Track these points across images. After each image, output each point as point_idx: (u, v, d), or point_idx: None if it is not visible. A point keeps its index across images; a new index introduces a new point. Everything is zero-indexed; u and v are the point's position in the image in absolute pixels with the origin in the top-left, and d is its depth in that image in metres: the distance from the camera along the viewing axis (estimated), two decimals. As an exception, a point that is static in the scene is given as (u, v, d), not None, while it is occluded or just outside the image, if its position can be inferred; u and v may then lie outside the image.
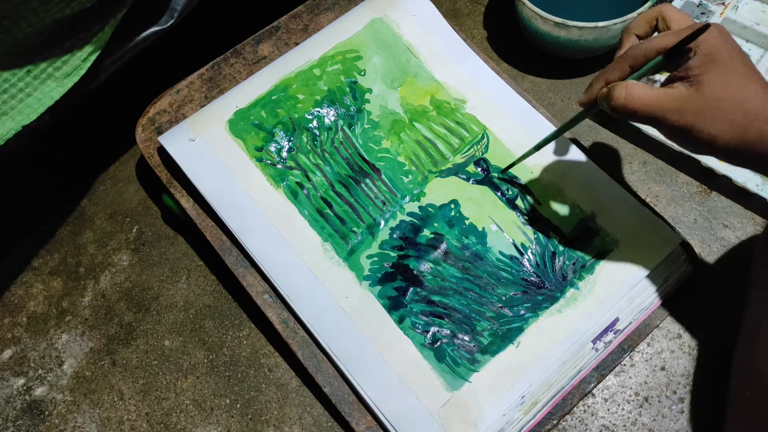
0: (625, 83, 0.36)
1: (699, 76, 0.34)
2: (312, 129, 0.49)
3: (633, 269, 0.45)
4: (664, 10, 0.38)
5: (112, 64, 0.47)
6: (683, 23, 0.37)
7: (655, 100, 0.35)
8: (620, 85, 0.36)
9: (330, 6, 0.55)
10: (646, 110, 0.35)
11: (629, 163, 0.53)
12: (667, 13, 0.37)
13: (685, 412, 0.44)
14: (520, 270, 0.46)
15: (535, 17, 0.52)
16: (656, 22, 0.38)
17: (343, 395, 0.43)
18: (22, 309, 0.50)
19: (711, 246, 0.49)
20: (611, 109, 0.36)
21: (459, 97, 0.51)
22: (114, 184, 0.55)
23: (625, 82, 0.36)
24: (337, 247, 0.46)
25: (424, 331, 0.44)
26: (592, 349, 0.43)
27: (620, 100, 0.35)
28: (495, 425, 0.41)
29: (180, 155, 0.47)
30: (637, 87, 0.35)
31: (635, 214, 0.47)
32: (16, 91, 0.41)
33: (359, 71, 0.51)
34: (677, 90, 0.34)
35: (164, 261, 0.52)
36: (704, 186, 0.51)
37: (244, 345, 0.48)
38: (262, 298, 0.45)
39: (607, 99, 0.36)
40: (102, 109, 0.57)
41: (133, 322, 0.49)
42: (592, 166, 0.49)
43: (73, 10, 0.40)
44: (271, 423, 0.45)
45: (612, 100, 0.36)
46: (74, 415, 0.46)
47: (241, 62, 0.53)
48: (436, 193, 0.48)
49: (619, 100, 0.35)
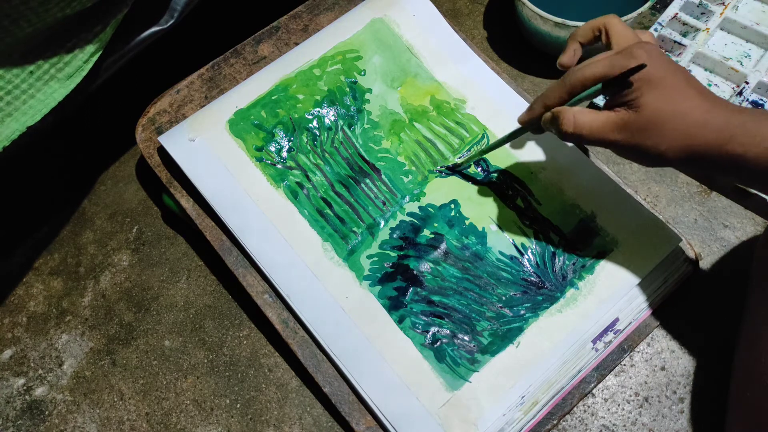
0: (572, 110, 0.37)
1: (636, 99, 0.35)
2: (312, 129, 0.49)
3: (633, 269, 0.45)
4: (608, 22, 0.39)
5: (112, 64, 0.47)
6: (626, 39, 0.37)
7: (602, 125, 0.36)
8: (567, 112, 0.37)
9: (330, 6, 0.55)
10: (593, 135, 0.36)
11: (629, 163, 0.53)
12: (610, 26, 0.38)
13: (685, 412, 0.44)
14: (520, 270, 0.46)
15: (535, 17, 0.52)
16: (599, 32, 0.39)
17: (343, 395, 0.43)
18: (22, 309, 0.50)
19: (711, 246, 0.49)
20: (560, 134, 0.37)
21: (459, 97, 0.51)
22: (114, 184, 0.55)
23: (572, 109, 0.37)
24: (337, 247, 0.46)
25: (424, 331, 0.44)
26: (592, 349, 0.43)
27: (569, 128, 0.37)
28: (495, 425, 0.41)
29: (180, 155, 0.47)
30: (582, 114, 0.37)
31: (635, 214, 0.47)
32: (20, 92, 0.41)
33: (359, 71, 0.51)
34: (619, 114, 0.36)
35: (164, 261, 0.52)
36: (704, 186, 0.51)
37: (244, 345, 0.48)
38: (262, 298, 0.45)
39: (555, 124, 0.38)
40: (102, 109, 0.57)
41: (133, 322, 0.49)
42: (592, 166, 0.49)
43: (73, 10, 0.40)
44: (271, 423, 0.45)
45: (561, 126, 0.37)
46: (74, 415, 0.46)
47: (241, 62, 0.53)
48: (436, 193, 0.48)
49: (568, 127, 0.37)
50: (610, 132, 0.36)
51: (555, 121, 0.37)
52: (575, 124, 0.36)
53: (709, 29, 0.55)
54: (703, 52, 0.54)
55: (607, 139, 0.36)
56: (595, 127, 0.36)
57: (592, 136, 0.36)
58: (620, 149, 0.37)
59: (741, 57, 0.55)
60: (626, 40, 0.37)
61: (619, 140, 0.36)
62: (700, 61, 0.55)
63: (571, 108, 0.37)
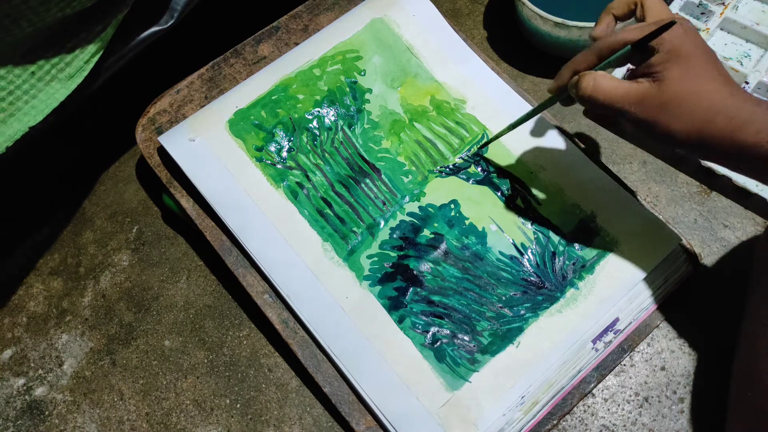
0: (593, 74, 0.36)
1: (661, 72, 0.34)
2: (312, 129, 0.49)
3: (633, 269, 0.45)
4: None
5: (112, 64, 0.47)
6: (660, 13, 0.37)
7: (621, 94, 0.36)
8: (589, 75, 0.37)
9: (330, 6, 0.55)
10: (610, 101, 0.36)
11: (629, 163, 0.53)
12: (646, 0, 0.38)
13: (685, 412, 0.44)
14: (520, 270, 0.46)
15: (535, 17, 0.52)
16: (635, 6, 0.39)
17: (343, 395, 0.43)
18: (22, 309, 0.50)
19: (711, 246, 0.49)
20: (578, 97, 0.37)
21: (459, 97, 0.51)
22: (114, 184, 0.55)
23: (594, 73, 0.37)
24: (337, 247, 0.46)
25: (424, 331, 0.44)
26: (592, 349, 0.43)
27: (588, 90, 0.36)
28: (495, 425, 0.41)
29: (180, 155, 0.47)
30: (604, 78, 0.36)
31: (635, 214, 0.47)
32: (22, 93, 0.41)
33: (359, 71, 0.51)
34: (641, 85, 0.35)
35: (164, 261, 0.52)
36: (704, 186, 0.51)
37: (244, 345, 0.48)
38: (262, 298, 0.45)
39: (575, 87, 0.37)
40: (102, 109, 0.57)
41: (133, 322, 0.49)
42: (592, 166, 0.49)
43: (73, 9, 0.40)
44: (271, 423, 0.45)
45: (580, 89, 0.37)
46: (74, 415, 0.46)
47: (241, 62, 0.53)
48: (436, 193, 0.48)
49: (586, 89, 0.36)
50: (628, 102, 0.35)
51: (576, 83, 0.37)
52: (594, 87, 0.36)
53: (709, 29, 0.55)
54: (703, 52, 0.54)
55: (622, 108, 0.36)
56: (614, 93, 0.36)
57: (608, 102, 0.36)
58: (633, 122, 0.36)
59: (741, 57, 0.55)
60: (661, 14, 0.37)
61: (634, 112, 0.35)
62: (700, 61, 0.55)
63: (594, 72, 0.37)
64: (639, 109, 0.35)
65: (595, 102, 0.36)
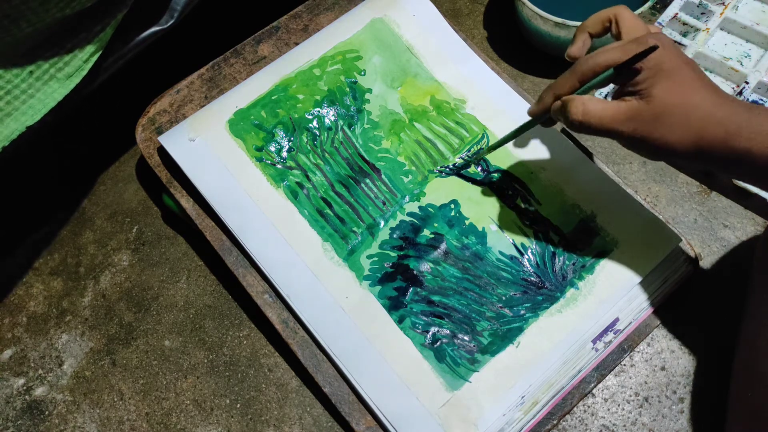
0: (581, 98, 0.36)
1: (648, 89, 0.34)
2: (312, 129, 0.49)
3: (633, 269, 0.45)
4: (618, 13, 0.38)
5: (112, 64, 0.47)
6: (636, 29, 0.37)
7: (611, 114, 0.35)
8: (576, 100, 0.36)
9: (330, 6, 0.55)
10: (602, 124, 0.36)
11: (629, 163, 0.53)
12: (621, 17, 0.38)
13: (685, 412, 0.44)
14: (520, 270, 0.46)
15: (535, 17, 0.52)
16: (609, 23, 0.38)
17: (343, 395, 0.43)
18: (22, 309, 0.50)
19: (711, 246, 0.49)
20: (569, 123, 0.37)
21: (459, 97, 0.51)
22: (114, 184, 0.55)
23: (581, 97, 0.36)
24: (337, 247, 0.46)
25: (424, 331, 0.44)
26: (592, 349, 0.43)
27: (578, 116, 0.36)
28: (495, 425, 0.41)
29: (180, 155, 0.47)
30: (592, 102, 0.36)
31: (635, 214, 0.47)
32: (19, 92, 0.41)
33: (359, 71, 0.51)
34: (629, 103, 0.35)
35: (164, 261, 0.52)
36: (704, 186, 0.52)
37: (244, 345, 0.48)
38: (262, 298, 0.45)
39: (563, 113, 0.37)
40: (102, 109, 0.57)
41: (133, 322, 0.49)
42: (592, 166, 0.49)
43: (73, 9, 0.40)
44: (271, 423, 0.45)
45: (569, 115, 0.36)
46: (74, 415, 0.46)
47: (241, 62, 0.53)
48: (436, 193, 0.48)
49: (576, 115, 0.36)
50: (619, 122, 0.35)
51: (564, 109, 0.37)
52: (584, 112, 0.36)
53: (709, 29, 0.55)
54: (703, 52, 0.54)
55: (615, 129, 0.35)
56: (604, 116, 0.35)
57: (600, 126, 0.36)
58: (627, 141, 0.36)
59: (741, 57, 0.55)
60: (637, 31, 0.37)
61: (627, 131, 0.35)
62: (700, 61, 0.55)
63: (581, 96, 0.36)
64: (631, 127, 0.35)
65: (588, 126, 0.36)
